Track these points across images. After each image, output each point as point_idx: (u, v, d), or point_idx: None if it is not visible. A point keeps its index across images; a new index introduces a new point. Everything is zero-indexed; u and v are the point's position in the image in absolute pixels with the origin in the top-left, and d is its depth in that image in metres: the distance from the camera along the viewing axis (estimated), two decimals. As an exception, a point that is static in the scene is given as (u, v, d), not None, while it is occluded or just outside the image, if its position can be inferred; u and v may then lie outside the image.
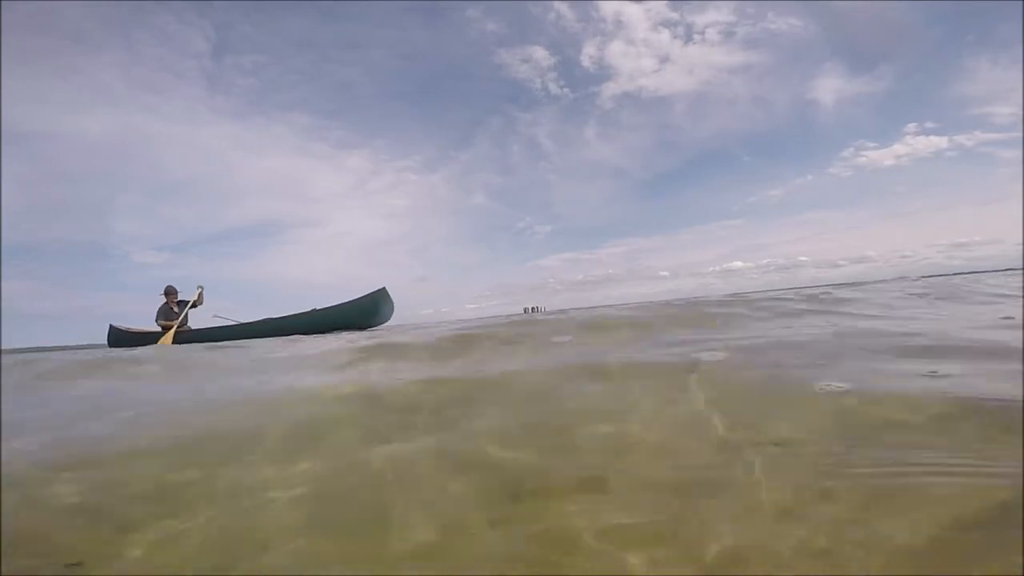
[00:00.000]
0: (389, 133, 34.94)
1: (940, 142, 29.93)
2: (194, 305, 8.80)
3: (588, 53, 30.03)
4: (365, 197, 34.97)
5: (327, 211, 37.77)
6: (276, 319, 8.28)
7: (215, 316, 8.72)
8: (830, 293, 4.71)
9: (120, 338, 8.64)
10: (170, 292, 8.96)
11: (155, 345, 7.21)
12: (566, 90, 30.83)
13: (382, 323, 8.56)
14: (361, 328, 7.93)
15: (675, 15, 29.43)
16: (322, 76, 31.83)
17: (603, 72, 30.73)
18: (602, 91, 30.51)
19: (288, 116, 31.23)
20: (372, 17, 29.65)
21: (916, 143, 30.71)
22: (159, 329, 8.63)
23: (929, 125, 30.61)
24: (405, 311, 9.56)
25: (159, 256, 30.60)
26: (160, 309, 8.94)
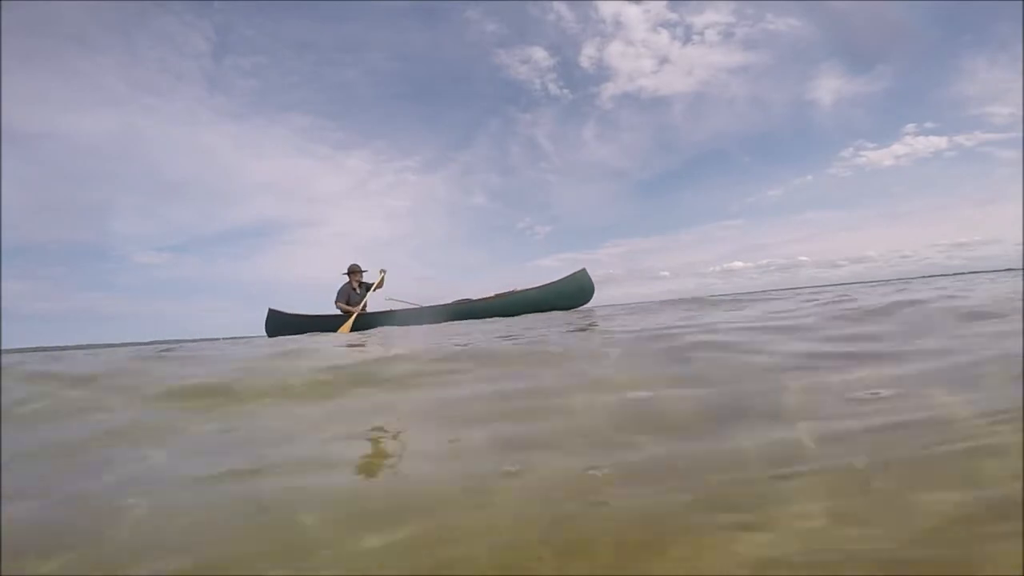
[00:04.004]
0: (389, 134, 34.93)
1: (939, 142, 29.91)
2: (374, 288, 7.87)
3: (587, 54, 30.00)
4: (365, 198, 34.96)
5: (327, 212, 37.78)
6: (472, 301, 7.67)
7: (388, 299, 7.96)
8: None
9: (283, 324, 7.63)
10: (354, 271, 7.83)
11: (337, 333, 6.34)
12: (565, 91, 30.80)
13: (583, 305, 8.13)
14: (561, 310, 7.51)
15: (674, 16, 29.39)
16: (322, 77, 31.82)
17: (602, 73, 30.73)
18: (601, 92, 30.48)
19: (288, 117, 31.22)
20: (372, 18, 29.64)
21: (915, 143, 30.70)
22: (339, 313, 7.65)
23: (928, 125, 30.60)
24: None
25: (159, 256, 30.57)
26: (341, 290, 7.81)
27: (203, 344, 4.54)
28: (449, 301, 7.75)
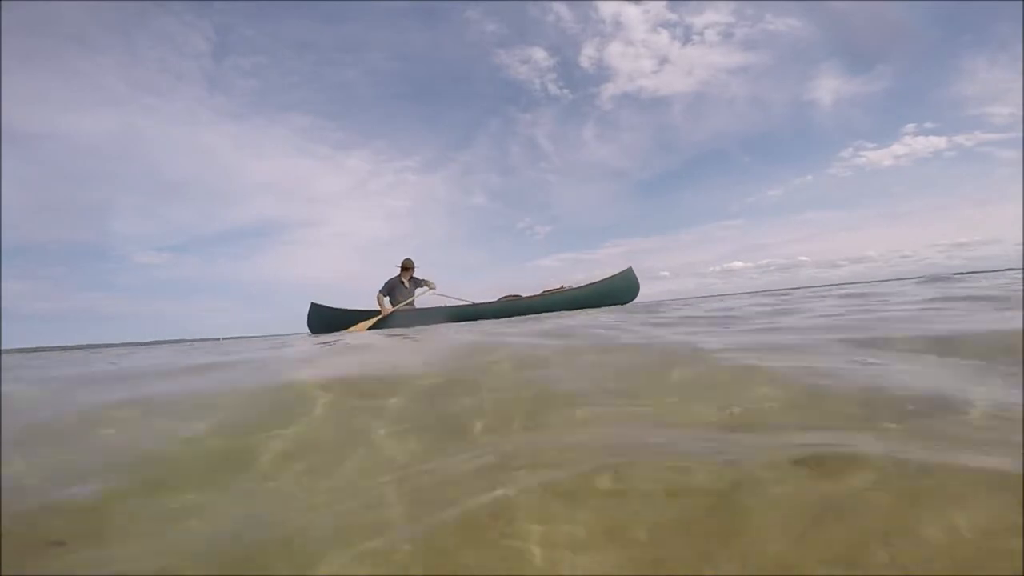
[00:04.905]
0: (389, 134, 34.89)
1: (939, 142, 29.90)
2: (419, 292, 7.74)
3: (587, 54, 30.02)
4: (365, 198, 34.96)
5: (327, 212, 37.77)
6: (521, 298, 7.69)
7: (437, 295, 7.92)
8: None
9: (326, 319, 7.47)
10: (407, 266, 7.67)
11: (347, 331, 6.33)
12: (565, 91, 30.80)
13: (630, 301, 8.25)
14: (607, 306, 7.51)
15: (674, 16, 29.40)
16: (322, 77, 31.80)
17: (602, 73, 30.72)
18: (601, 92, 30.49)
19: (288, 117, 31.20)
20: (372, 18, 29.65)
21: (915, 143, 30.69)
22: (377, 309, 7.43)
23: (928, 125, 30.59)
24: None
25: (159, 257, 30.53)
26: (388, 282, 7.63)
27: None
28: (496, 298, 7.78)
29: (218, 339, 9.78)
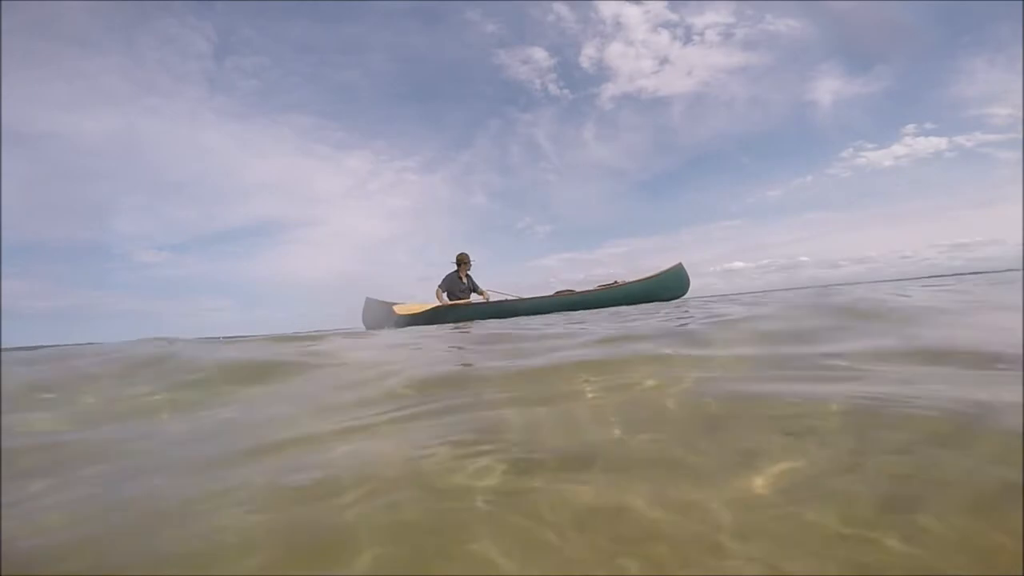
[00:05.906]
0: (389, 134, 34.91)
1: (939, 143, 29.84)
2: (479, 292, 7.85)
3: (587, 54, 30.03)
4: (365, 197, 34.99)
5: (328, 211, 37.79)
6: (576, 292, 7.81)
7: (491, 291, 8.03)
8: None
9: (380, 314, 7.41)
10: (463, 261, 7.64)
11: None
12: (565, 91, 30.84)
13: (680, 296, 8.34)
14: (659, 301, 7.61)
15: (674, 16, 29.40)
16: (323, 78, 31.85)
17: (602, 73, 30.73)
18: (601, 92, 30.53)
19: (289, 117, 31.23)
20: (372, 19, 29.70)
21: (915, 144, 30.63)
22: (439, 303, 7.48)
23: (928, 126, 30.53)
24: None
25: (160, 255, 30.58)
26: (446, 277, 7.60)
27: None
28: (551, 293, 7.92)
29: (217, 338, 9.73)
